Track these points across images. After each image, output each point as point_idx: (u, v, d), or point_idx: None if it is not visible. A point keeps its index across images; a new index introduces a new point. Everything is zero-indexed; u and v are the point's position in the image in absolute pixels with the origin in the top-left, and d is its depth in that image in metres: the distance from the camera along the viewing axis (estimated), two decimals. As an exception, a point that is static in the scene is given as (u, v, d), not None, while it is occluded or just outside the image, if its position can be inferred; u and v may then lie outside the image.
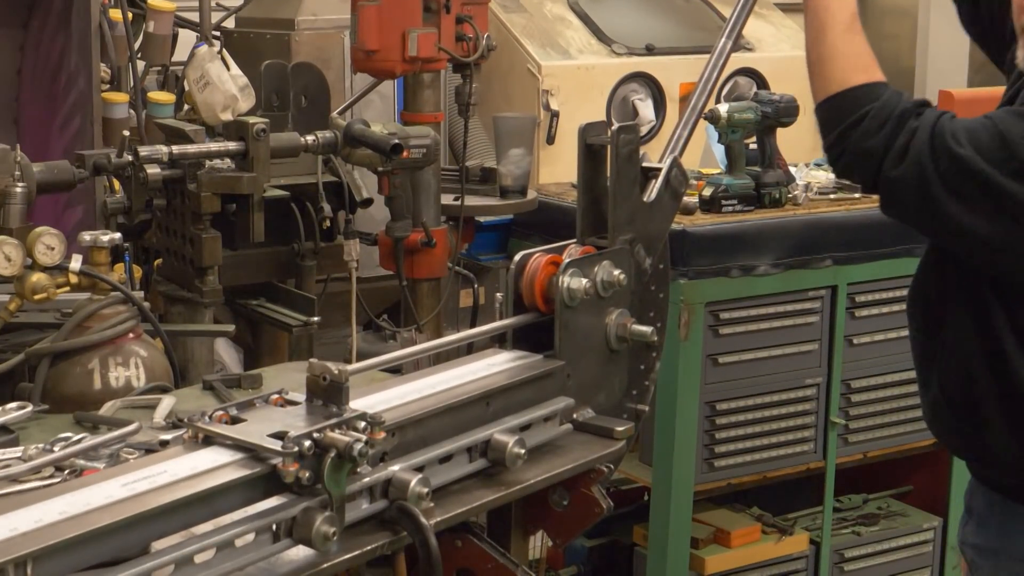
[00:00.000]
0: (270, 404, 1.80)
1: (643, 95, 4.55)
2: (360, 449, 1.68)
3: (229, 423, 1.75)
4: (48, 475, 1.99)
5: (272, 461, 1.67)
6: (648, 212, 2.25)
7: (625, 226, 2.21)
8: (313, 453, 1.67)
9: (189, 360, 3.20)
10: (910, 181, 2.27)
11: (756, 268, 3.90)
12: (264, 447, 1.68)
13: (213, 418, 1.74)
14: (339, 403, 1.75)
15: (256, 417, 1.76)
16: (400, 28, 3.51)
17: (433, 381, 2.01)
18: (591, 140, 2.22)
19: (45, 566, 1.45)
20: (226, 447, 1.71)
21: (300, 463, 1.66)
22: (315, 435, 1.68)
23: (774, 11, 5.21)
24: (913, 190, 2.27)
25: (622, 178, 2.20)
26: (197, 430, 1.74)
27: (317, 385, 1.77)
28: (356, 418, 1.73)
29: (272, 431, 1.69)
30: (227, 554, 1.62)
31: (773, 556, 4.16)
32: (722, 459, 4.00)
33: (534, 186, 4.23)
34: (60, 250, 2.65)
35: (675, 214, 2.36)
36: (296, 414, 1.76)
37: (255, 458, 1.68)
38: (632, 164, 2.22)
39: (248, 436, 1.70)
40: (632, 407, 2.30)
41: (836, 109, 2.37)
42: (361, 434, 1.70)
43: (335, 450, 1.68)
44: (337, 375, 1.75)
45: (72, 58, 3.68)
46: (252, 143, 3.13)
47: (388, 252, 3.71)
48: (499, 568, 1.96)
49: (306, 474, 1.67)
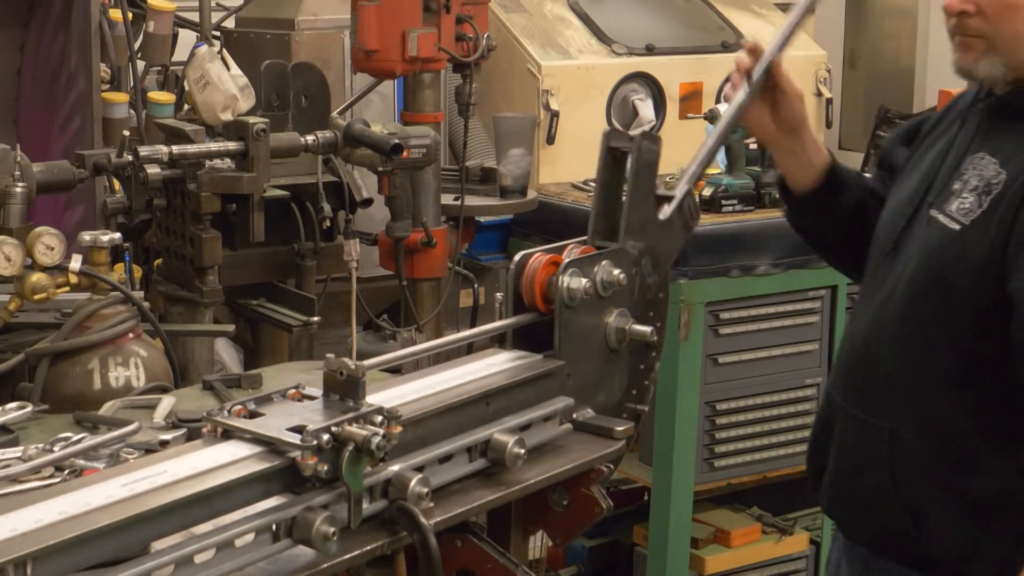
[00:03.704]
0: (287, 399, 1.82)
1: (643, 95, 4.55)
2: (378, 443, 1.69)
3: (247, 417, 1.76)
4: (48, 475, 1.99)
5: (291, 455, 1.68)
6: (660, 229, 2.26)
7: (636, 232, 2.21)
8: (331, 447, 1.69)
9: (189, 360, 3.20)
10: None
11: (756, 268, 3.90)
12: (283, 440, 1.69)
13: (232, 412, 1.76)
14: (356, 398, 1.76)
15: (274, 411, 1.77)
16: (400, 28, 3.51)
17: (433, 381, 2.00)
18: (614, 144, 2.22)
19: (45, 566, 1.45)
20: (245, 440, 1.72)
21: (319, 456, 1.68)
22: (333, 429, 1.70)
23: (774, 11, 5.20)
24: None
25: (639, 183, 2.20)
26: (216, 424, 1.75)
27: (334, 380, 1.78)
28: (373, 412, 1.74)
29: (290, 425, 1.71)
30: (227, 554, 1.62)
31: (773, 556, 4.16)
32: (722, 459, 4.00)
33: (534, 186, 4.24)
34: (60, 250, 2.65)
35: (684, 243, 2.35)
36: (313, 408, 1.78)
37: (274, 452, 1.70)
38: (650, 172, 2.23)
39: (267, 430, 1.72)
40: (632, 407, 2.30)
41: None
42: (379, 428, 1.72)
43: (353, 444, 1.69)
44: (354, 370, 1.76)
45: (72, 58, 3.68)
46: (252, 143, 3.13)
47: (388, 252, 3.71)
48: (499, 568, 1.96)
49: (324, 467, 1.69)
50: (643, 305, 2.27)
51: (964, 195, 2.28)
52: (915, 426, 2.32)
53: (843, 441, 2.44)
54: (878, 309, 2.38)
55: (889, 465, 2.34)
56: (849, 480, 2.44)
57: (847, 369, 2.46)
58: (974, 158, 2.31)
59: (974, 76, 2.30)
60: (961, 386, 2.28)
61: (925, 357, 2.31)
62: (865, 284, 2.49)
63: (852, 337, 2.48)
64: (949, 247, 2.27)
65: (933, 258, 2.29)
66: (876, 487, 2.37)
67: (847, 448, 2.43)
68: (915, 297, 2.31)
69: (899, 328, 2.34)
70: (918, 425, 2.32)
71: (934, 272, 2.29)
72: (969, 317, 2.25)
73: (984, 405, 2.27)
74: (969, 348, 2.27)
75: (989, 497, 2.28)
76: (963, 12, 2.24)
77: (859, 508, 2.43)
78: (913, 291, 2.32)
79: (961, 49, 2.29)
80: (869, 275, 2.47)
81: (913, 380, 2.32)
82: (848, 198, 2.54)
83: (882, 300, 2.38)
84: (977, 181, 2.28)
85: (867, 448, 2.38)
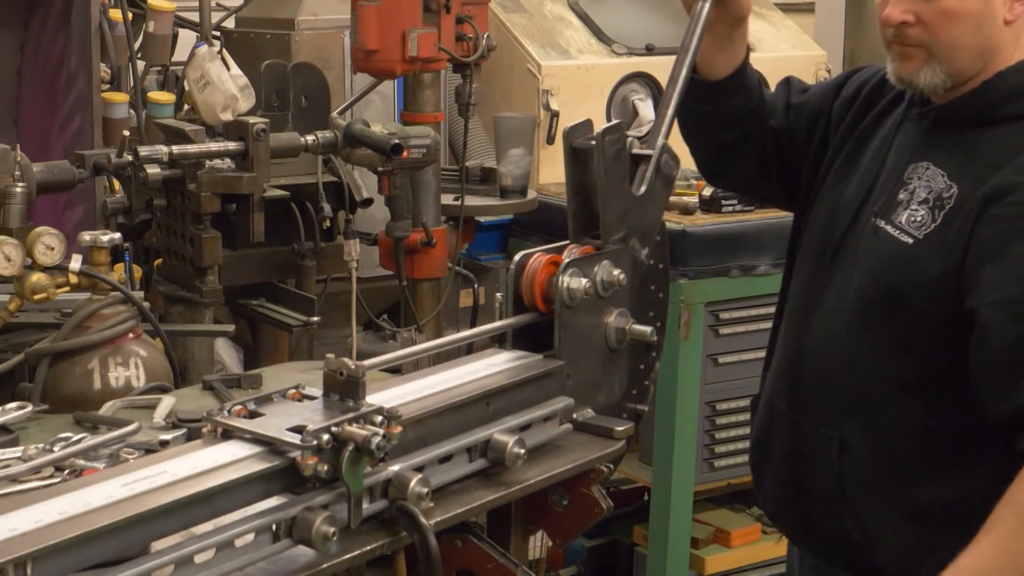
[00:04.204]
0: (287, 399, 1.82)
1: (643, 95, 4.55)
2: (378, 443, 1.70)
3: (247, 417, 1.77)
4: (48, 475, 1.99)
5: (291, 455, 1.68)
6: (640, 205, 2.25)
7: (617, 225, 2.21)
8: (331, 447, 1.69)
9: (189, 360, 3.20)
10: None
11: (756, 268, 3.90)
12: (283, 440, 1.69)
13: (232, 412, 1.76)
14: (355, 398, 1.77)
15: (274, 411, 1.78)
16: (400, 28, 3.51)
17: (433, 381, 2.00)
18: (576, 144, 2.22)
19: (45, 566, 1.45)
20: (245, 441, 1.72)
21: (319, 456, 1.68)
22: (333, 429, 1.70)
23: (774, 11, 5.21)
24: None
25: (611, 179, 2.20)
26: (216, 424, 1.75)
27: (334, 380, 1.78)
28: (373, 412, 1.74)
29: (290, 425, 1.72)
30: (227, 554, 1.62)
31: (773, 556, 4.16)
32: (722, 459, 4.00)
33: (534, 186, 4.24)
34: (60, 250, 2.65)
35: (668, 199, 2.35)
36: (313, 409, 1.78)
37: (274, 452, 1.70)
38: (620, 163, 2.22)
39: (267, 430, 1.72)
40: (632, 407, 2.30)
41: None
42: (379, 428, 1.72)
43: (353, 444, 1.70)
44: (354, 370, 1.76)
45: (72, 58, 3.68)
46: (252, 143, 3.13)
47: (388, 252, 3.71)
48: (499, 568, 1.96)
49: (324, 467, 1.69)
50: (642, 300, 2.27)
51: (914, 207, 2.29)
52: (865, 436, 2.32)
53: (789, 450, 2.43)
54: (826, 316, 2.38)
55: (838, 476, 2.34)
56: (795, 489, 2.43)
57: (792, 376, 2.45)
58: (918, 167, 2.31)
59: (915, 85, 2.31)
60: (912, 397, 2.28)
61: (877, 367, 2.31)
62: (805, 288, 2.47)
63: (798, 344, 2.45)
64: (901, 260, 2.28)
65: (884, 270, 2.30)
66: (824, 497, 2.36)
67: (793, 457, 2.42)
68: (867, 308, 2.31)
69: (850, 338, 2.34)
70: (868, 435, 2.31)
71: (885, 284, 2.29)
72: (923, 330, 2.26)
73: (934, 416, 2.27)
74: (921, 360, 2.27)
75: (937, 508, 2.28)
76: (903, 23, 2.26)
77: (807, 518, 2.43)
78: (864, 301, 2.32)
79: (900, 59, 2.31)
80: (808, 279, 2.45)
81: (864, 390, 2.32)
82: (741, 100, 2.53)
83: (830, 308, 2.37)
84: (926, 193, 2.28)
85: (815, 458, 2.38)
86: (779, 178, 2.60)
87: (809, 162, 2.53)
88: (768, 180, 2.61)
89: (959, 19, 2.24)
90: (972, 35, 2.26)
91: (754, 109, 2.55)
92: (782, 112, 2.57)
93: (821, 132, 2.53)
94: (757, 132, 2.55)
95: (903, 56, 2.30)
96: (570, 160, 2.22)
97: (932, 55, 2.27)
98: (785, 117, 2.57)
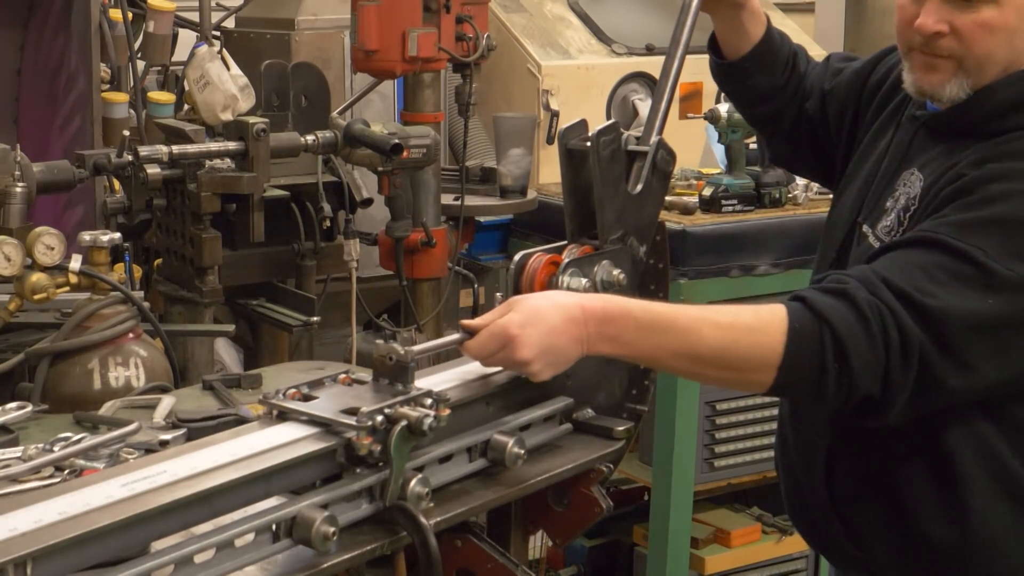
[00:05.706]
0: (339, 383, 1.91)
1: (643, 95, 4.55)
2: (430, 423, 1.78)
3: (302, 400, 1.86)
4: (48, 475, 1.99)
5: (347, 435, 1.76)
6: (636, 203, 2.25)
7: (615, 224, 2.21)
8: (384, 428, 1.77)
9: (189, 360, 3.20)
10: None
11: (756, 268, 3.90)
12: (339, 422, 1.78)
13: (287, 395, 1.85)
14: (405, 382, 1.86)
15: (327, 395, 1.87)
16: (400, 28, 3.51)
17: (433, 381, 2.01)
18: (572, 145, 2.22)
19: (45, 566, 1.45)
20: (301, 422, 1.81)
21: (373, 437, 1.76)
22: (387, 411, 1.78)
23: (774, 11, 5.20)
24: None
25: (606, 180, 2.20)
26: (272, 406, 1.84)
27: (383, 365, 1.89)
28: (423, 396, 1.83)
29: (343, 407, 1.80)
30: (227, 554, 1.62)
31: (773, 556, 4.16)
32: (722, 459, 4.00)
33: (534, 186, 4.23)
34: (60, 250, 2.65)
35: (665, 195, 2.35)
36: (365, 392, 1.88)
37: (329, 432, 1.78)
38: (615, 163, 2.22)
39: (322, 411, 1.81)
40: (632, 407, 2.30)
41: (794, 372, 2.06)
42: (429, 410, 1.80)
43: (406, 422, 1.78)
44: (403, 356, 1.87)
45: (72, 58, 3.68)
46: (252, 143, 3.13)
47: (388, 252, 3.71)
48: (499, 568, 1.96)
49: (378, 447, 1.77)
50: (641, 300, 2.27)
51: (892, 214, 2.23)
52: (848, 446, 2.28)
53: (792, 455, 2.42)
54: None
55: (827, 485, 2.32)
56: (798, 495, 2.42)
57: None
58: (906, 174, 2.25)
59: (937, 97, 2.20)
60: None
61: None
62: None
63: None
64: None
65: None
66: (819, 505, 2.34)
67: (794, 463, 2.41)
68: None
69: None
70: (851, 445, 2.28)
71: None
72: None
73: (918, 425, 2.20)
74: None
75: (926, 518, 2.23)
76: (936, 32, 2.15)
77: (813, 525, 2.41)
78: None
79: (925, 70, 2.20)
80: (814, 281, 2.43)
81: None
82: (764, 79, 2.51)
83: None
84: (905, 200, 2.22)
85: (809, 466, 2.36)
86: (816, 162, 2.59)
87: (841, 151, 2.50)
88: (806, 162, 2.62)
89: (996, 32, 2.13)
90: (1006, 49, 2.15)
91: (780, 87, 2.53)
92: (817, 97, 2.54)
93: (850, 124, 2.47)
94: (790, 111, 2.54)
95: (928, 67, 2.19)
96: (566, 161, 2.22)
97: (962, 68, 2.16)
98: (819, 103, 2.53)
